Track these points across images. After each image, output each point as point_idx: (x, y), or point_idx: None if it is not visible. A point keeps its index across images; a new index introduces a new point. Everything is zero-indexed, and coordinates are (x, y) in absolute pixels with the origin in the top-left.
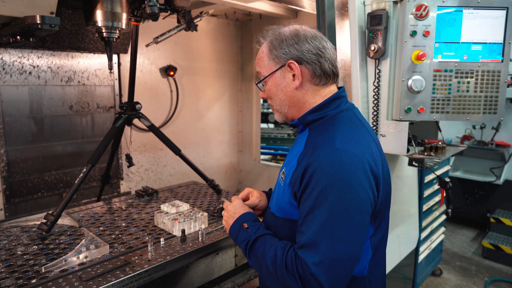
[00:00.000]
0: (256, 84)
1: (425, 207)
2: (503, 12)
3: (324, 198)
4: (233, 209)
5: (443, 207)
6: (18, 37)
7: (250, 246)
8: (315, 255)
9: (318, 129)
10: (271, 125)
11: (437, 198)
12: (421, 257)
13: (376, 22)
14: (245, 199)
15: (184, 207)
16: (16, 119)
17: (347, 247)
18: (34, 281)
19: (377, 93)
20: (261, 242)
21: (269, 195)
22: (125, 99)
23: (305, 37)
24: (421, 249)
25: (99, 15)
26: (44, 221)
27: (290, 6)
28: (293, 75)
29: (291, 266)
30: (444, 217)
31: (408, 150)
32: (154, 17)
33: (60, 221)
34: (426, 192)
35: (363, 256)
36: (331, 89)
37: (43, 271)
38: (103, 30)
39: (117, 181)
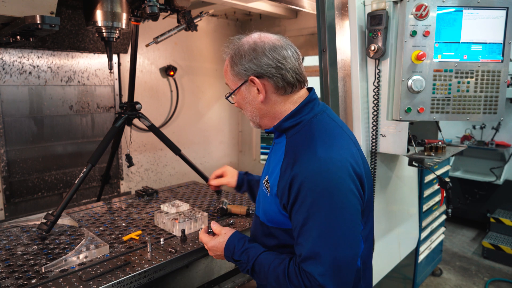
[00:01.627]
0: (226, 98)
1: (425, 207)
2: (503, 12)
3: (317, 207)
4: (213, 251)
5: (443, 207)
6: (18, 37)
7: (251, 273)
8: (319, 266)
9: (296, 135)
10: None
11: (437, 198)
12: (421, 257)
13: (376, 22)
14: (219, 176)
15: (184, 207)
16: (16, 119)
17: (347, 250)
18: (34, 281)
19: (377, 93)
20: (258, 266)
21: (242, 178)
22: (125, 99)
23: (263, 51)
24: (421, 249)
25: (99, 15)
26: (44, 221)
27: (290, 6)
28: (257, 89)
29: (296, 281)
30: (444, 217)
31: (408, 150)
32: (154, 17)
33: (60, 221)
34: (426, 192)
35: None
36: (301, 94)
37: (43, 271)
38: (103, 30)
39: (117, 181)
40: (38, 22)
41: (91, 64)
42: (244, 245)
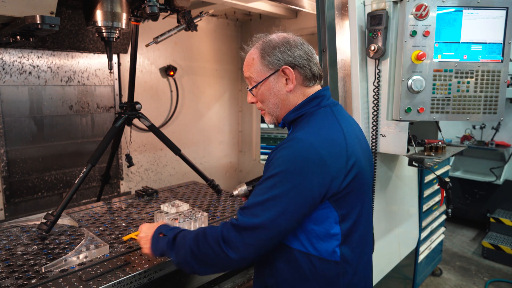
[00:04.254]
0: (249, 90)
1: (425, 207)
2: (503, 12)
3: (276, 175)
4: (144, 233)
5: (443, 207)
6: (18, 37)
7: (171, 245)
8: (248, 215)
9: (298, 125)
10: (271, 125)
11: (437, 198)
12: (421, 257)
13: (376, 22)
14: None
15: (184, 207)
16: (16, 119)
17: (276, 218)
18: (34, 281)
19: (377, 93)
20: (180, 236)
21: None
22: (125, 99)
23: (295, 44)
24: (421, 249)
25: (99, 15)
26: (44, 221)
27: (290, 6)
28: (286, 79)
29: (215, 233)
30: (444, 217)
31: (408, 150)
32: (154, 17)
33: (60, 221)
34: (426, 192)
35: (331, 241)
36: (316, 89)
37: (43, 271)
38: (103, 30)
39: (117, 181)
40: (38, 22)
41: (91, 64)
42: (175, 227)
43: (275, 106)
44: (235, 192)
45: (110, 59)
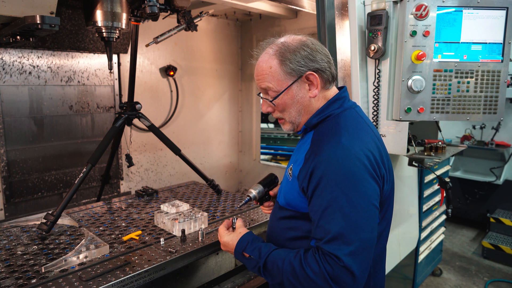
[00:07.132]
0: (271, 101)
1: (425, 207)
2: (503, 12)
3: (341, 191)
4: (225, 244)
5: (443, 207)
6: (18, 37)
7: (262, 270)
8: (344, 246)
9: (322, 127)
10: (271, 125)
11: (437, 198)
12: (421, 257)
13: (376, 22)
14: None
15: (184, 207)
16: (16, 119)
17: (369, 233)
18: (34, 281)
19: (377, 93)
20: (271, 263)
21: None
22: (125, 99)
23: (315, 46)
24: (421, 249)
25: (99, 15)
26: (44, 221)
27: (290, 6)
28: (308, 85)
29: (317, 267)
30: (444, 217)
31: (408, 150)
32: (154, 17)
33: (60, 221)
34: (426, 192)
35: None
36: (334, 90)
37: (43, 271)
38: (103, 30)
39: (117, 181)
40: (38, 22)
41: (91, 64)
42: (257, 243)
43: (298, 113)
44: (253, 194)
45: (110, 59)
